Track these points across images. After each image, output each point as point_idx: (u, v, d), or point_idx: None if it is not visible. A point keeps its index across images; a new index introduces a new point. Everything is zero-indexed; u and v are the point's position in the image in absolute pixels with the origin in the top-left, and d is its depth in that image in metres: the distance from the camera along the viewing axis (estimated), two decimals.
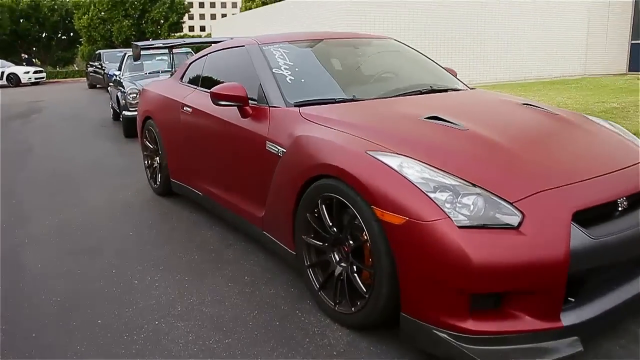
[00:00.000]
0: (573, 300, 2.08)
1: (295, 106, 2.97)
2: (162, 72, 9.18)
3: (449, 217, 1.99)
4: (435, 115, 2.66)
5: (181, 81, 4.43)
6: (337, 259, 2.49)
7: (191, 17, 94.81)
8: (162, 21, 35.01)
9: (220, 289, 2.89)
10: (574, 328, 2.01)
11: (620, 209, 2.22)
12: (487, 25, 14.31)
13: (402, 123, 2.61)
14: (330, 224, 2.47)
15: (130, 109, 7.81)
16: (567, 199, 2.09)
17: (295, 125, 2.79)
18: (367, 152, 2.29)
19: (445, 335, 2.00)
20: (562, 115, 3.03)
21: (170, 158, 4.38)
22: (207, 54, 4.15)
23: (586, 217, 2.08)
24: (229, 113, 3.34)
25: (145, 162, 5.00)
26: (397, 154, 2.25)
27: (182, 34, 41.23)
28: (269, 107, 3.06)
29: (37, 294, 2.91)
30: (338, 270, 2.47)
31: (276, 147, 2.85)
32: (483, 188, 2.07)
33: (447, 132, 2.50)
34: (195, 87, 4.09)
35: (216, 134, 3.53)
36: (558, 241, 1.96)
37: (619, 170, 2.35)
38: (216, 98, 3.15)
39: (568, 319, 2.01)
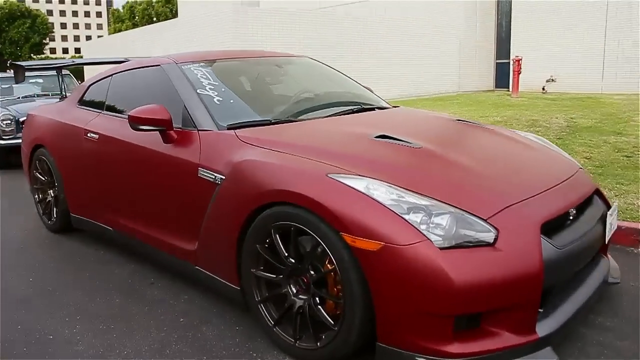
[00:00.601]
0: (541, 310, 2.09)
1: (228, 129, 2.74)
2: (37, 95, 8.33)
3: (428, 239, 1.90)
4: (384, 134, 2.58)
5: (79, 105, 3.97)
6: (295, 292, 2.30)
7: (52, 39, 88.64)
8: (21, 42, 32.28)
9: (156, 336, 2.55)
10: (547, 338, 2.01)
11: (571, 217, 2.29)
12: (365, 43, 14.78)
13: (355, 143, 2.50)
14: (287, 254, 2.27)
15: (4, 137, 6.95)
16: (533, 211, 2.11)
17: (234, 149, 2.57)
18: (329, 175, 2.14)
19: None
20: (499, 130, 3.12)
21: (69, 190, 3.88)
22: (111, 75, 3.76)
23: (548, 229, 2.11)
24: (148, 139, 3.02)
25: (36, 196, 4.40)
26: (360, 175, 2.12)
27: (44, 55, 38.35)
28: (198, 130, 2.80)
29: None
30: (298, 303, 2.28)
31: (212, 174, 2.59)
32: (455, 206, 2.01)
33: (403, 151, 2.44)
34: (100, 111, 3.68)
35: (132, 163, 3.17)
36: (532, 254, 1.96)
37: (565, 180, 2.44)
38: (135, 122, 2.82)
39: (541, 329, 2.02)
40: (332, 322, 2.14)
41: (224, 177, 2.52)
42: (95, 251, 3.78)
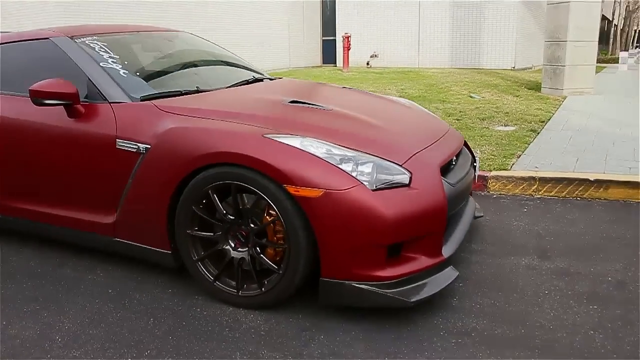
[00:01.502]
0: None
1: (141, 101, 2.77)
2: None
3: (361, 183, 2.24)
4: (295, 99, 2.85)
5: None
6: (234, 246, 2.49)
7: None
8: None
9: (91, 308, 2.54)
10: (449, 259, 2.51)
11: (454, 163, 2.83)
12: (197, 24, 14.53)
13: (274, 108, 2.74)
14: (225, 212, 2.45)
15: None
16: (432, 157, 2.58)
17: (156, 119, 2.62)
18: (265, 135, 2.36)
19: (369, 286, 2.27)
20: (382, 95, 3.57)
21: None
22: None
23: (443, 171, 2.60)
24: (46, 115, 2.89)
25: None
26: (292, 134, 2.38)
27: None
28: (110, 103, 2.77)
29: None
30: (238, 256, 2.47)
31: (134, 145, 2.62)
32: (375, 155, 2.39)
33: (318, 112, 2.74)
34: None
35: (31, 141, 2.96)
36: (438, 191, 2.42)
37: (445, 134, 2.97)
38: (39, 97, 2.70)
39: (445, 252, 2.50)
40: (276, 267, 2.39)
41: (149, 147, 2.56)
42: None
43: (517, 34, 14.62)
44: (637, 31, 40.97)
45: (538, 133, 5.85)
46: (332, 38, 17.77)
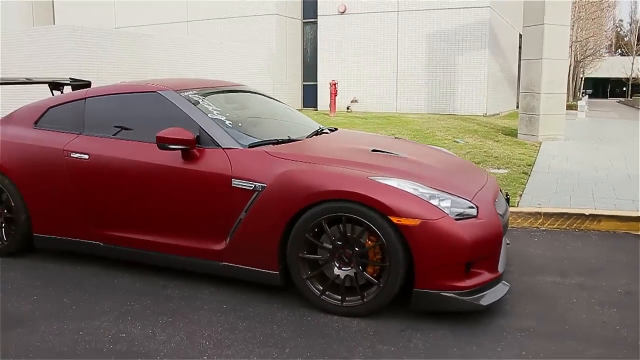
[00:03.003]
0: None
1: (249, 147, 3.41)
2: None
3: (447, 214, 2.94)
4: (375, 148, 3.56)
5: (37, 127, 4.05)
6: (338, 266, 3.12)
7: None
8: None
9: (218, 319, 3.09)
10: (501, 274, 3.21)
11: (496, 201, 3.57)
12: (179, 64, 15.08)
13: (364, 155, 3.43)
14: (333, 238, 3.08)
15: None
16: (487, 195, 3.31)
17: (270, 163, 3.25)
18: (369, 177, 3.04)
19: (452, 295, 2.94)
20: (429, 145, 4.32)
21: (35, 211, 3.94)
22: (82, 98, 3.96)
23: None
24: (160, 157, 3.48)
25: None
26: (389, 177, 3.07)
27: None
28: (223, 149, 3.39)
29: None
30: (343, 273, 3.10)
31: (250, 184, 3.24)
32: (451, 193, 3.10)
33: (396, 159, 3.45)
34: (78, 132, 3.87)
35: (142, 178, 3.54)
36: (496, 221, 3.14)
37: (489, 178, 3.72)
38: (164, 142, 3.31)
39: (499, 269, 3.20)
40: (377, 281, 3.02)
41: (265, 185, 3.19)
42: (72, 267, 3.92)
43: (487, 82, 15.93)
44: (582, 79, 44.18)
45: (529, 175, 6.73)
46: (313, 83, 18.72)
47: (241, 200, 3.26)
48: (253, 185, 3.23)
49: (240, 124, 3.69)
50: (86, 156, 3.73)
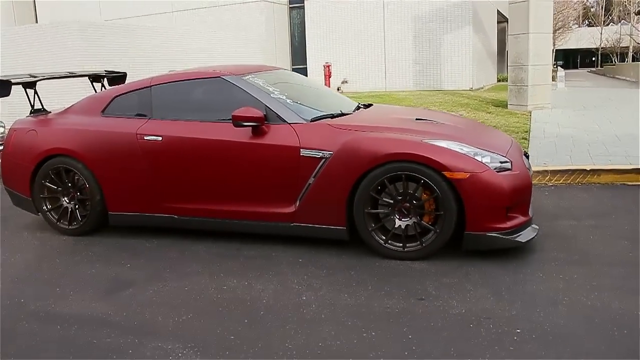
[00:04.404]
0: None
1: (311, 121, 3.92)
2: None
3: (489, 168, 3.51)
4: (418, 117, 4.11)
5: (105, 114, 4.48)
6: (399, 217, 3.67)
7: None
8: None
9: (297, 275, 3.63)
10: (531, 218, 3.80)
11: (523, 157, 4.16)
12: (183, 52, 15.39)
13: (411, 123, 3.97)
14: (395, 193, 3.63)
15: None
16: (517, 152, 3.90)
17: (334, 133, 3.77)
18: (423, 140, 3.59)
19: (497, 235, 3.52)
20: (457, 114, 4.88)
21: (110, 191, 4.39)
22: (148, 86, 4.40)
23: None
24: (230, 134, 3.97)
25: (45, 205, 4.66)
26: (439, 139, 3.63)
27: None
28: (290, 124, 3.90)
29: None
30: (403, 223, 3.66)
31: (317, 152, 3.76)
32: (488, 150, 3.67)
33: (438, 125, 4.00)
34: (146, 117, 4.32)
35: (214, 154, 4.02)
36: (526, 173, 3.73)
37: (512, 141, 4.30)
38: (239, 120, 3.81)
39: (530, 213, 3.80)
40: (433, 228, 3.59)
41: (332, 153, 3.71)
42: (148, 240, 4.40)
43: (472, 58, 16.58)
44: (554, 51, 45.35)
45: (528, 140, 7.37)
46: (302, 66, 19.15)
47: (310, 167, 3.78)
48: (321, 154, 3.76)
49: (297, 101, 4.19)
50: (159, 138, 4.20)
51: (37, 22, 21.68)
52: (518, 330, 2.69)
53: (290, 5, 19.31)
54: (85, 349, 2.75)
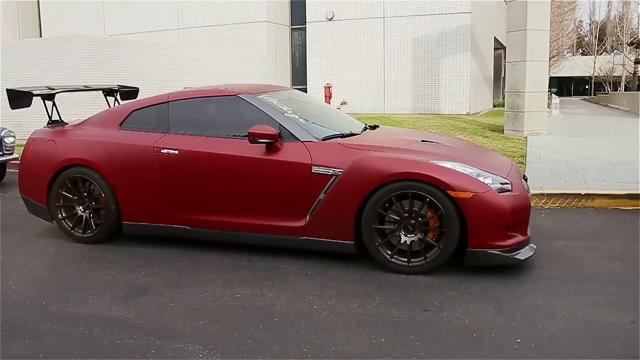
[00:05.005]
0: None
1: (323, 140, 4.14)
2: None
3: (491, 189, 3.73)
4: (424, 139, 4.34)
5: (123, 127, 4.67)
6: (404, 233, 3.86)
7: None
8: None
9: (309, 283, 3.80)
10: (529, 237, 4.01)
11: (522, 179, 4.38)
12: (187, 68, 15.63)
13: (417, 145, 4.19)
14: (401, 210, 3.83)
15: None
16: (516, 174, 4.12)
17: (344, 152, 3.98)
18: (429, 161, 3.80)
19: (497, 252, 3.72)
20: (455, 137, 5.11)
21: (124, 201, 4.56)
22: (165, 102, 4.61)
23: None
24: (244, 150, 4.17)
25: (60, 214, 4.82)
26: (444, 160, 3.84)
27: None
28: (302, 142, 4.10)
29: None
30: (409, 239, 3.85)
31: (328, 169, 3.96)
32: (490, 172, 3.88)
33: (443, 147, 4.23)
34: (164, 131, 4.52)
35: (228, 169, 4.21)
36: (525, 194, 3.96)
37: (512, 164, 4.54)
38: (255, 137, 4.01)
39: (528, 233, 4.00)
40: (437, 244, 3.79)
41: (342, 170, 3.92)
42: (161, 250, 4.56)
43: (470, 83, 16.97)
44: (548, 78, 46.20)
45: (525, 165, 7.61)
46: (302, 87, 19.45)
47: (320, 183, 3.98)
48: (331, 171, 3.96)
49: (309, 120, 4.41)
50: (176, 151, 4.39)
51: (41, 36, 21.97)
52: (518, 340, 2.87)
53: (292, 27, 19.74)
54: (109, 349, 2.90)
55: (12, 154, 7.82)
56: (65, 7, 21.76)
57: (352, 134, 4.42)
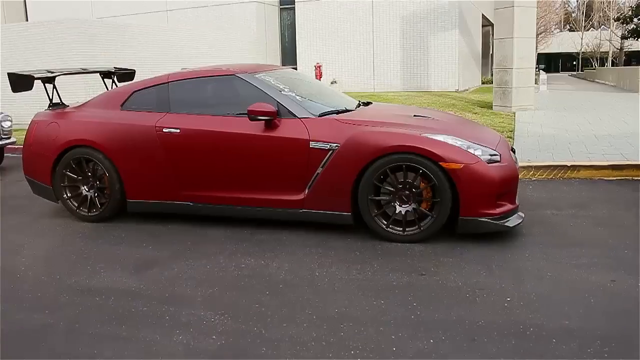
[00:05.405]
0: None
1: (319, 116, 4.30)
2: None
3: (481, 160, 3.92)
4: (415, 114, 4.51)
5: (124, 108, 4.80)
6: (399, 204, 4.06)
7: None
8: None
9: (314, 253, 4.00)
10: (518, 206, 4.22)
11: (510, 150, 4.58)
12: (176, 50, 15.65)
13: (410, 119, 4.36)
14: (396, 182, 4.02)
15: None
16: (505, 145, 4.32)
17: (340, 127, 4.15)
18: (422, 134, 3.98)
19: (487, 220, 3.93)
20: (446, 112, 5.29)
21: (129, 180, 4.71)
22: (165, 82, 4.73)
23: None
24: (244, 127, 4.32)
25: (65, 193, 4.96)
26: (436, 133, 4.03)
27: None
28: (300, 118, 4.26)
29: None
30: (403, 209, 4.04)
31: (325, 144, 4.13)
32: (480, 144, 4.07)
33: (433, 121, 4.40)
34: (165, 111, 4.65)
35: (229, 146, 4.37)
36: (513, 165, 4.16)
37: (500, 136, 4.73)
38: (254, 114, 4.17)
39: (517, 202, 4.21)
40: (431, 213, 3.99)
41: (339, 145, 4.09)
42: (165, 226, 4.72)
43: (458, 60, 17.10)
44: (536, 55, 46.34)
45: (513, 139, 7.82)
46: (292, 67, 19.49)
47: (318, 158, 4.15)
48: (328, 146, 4.13)
49: (305, 98, 4.56)
50: (177, 130, 4.53)
51: (27, 20, 21.72)
52: (508, 299, 3.09)
53: (281, 7, 19.69)
54: (126, 316, 3.08)
55: (9, 138, 7.89)
56: None
57: (346, 110, 4.59)
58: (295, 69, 18.80)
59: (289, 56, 19.72)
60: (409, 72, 17.60)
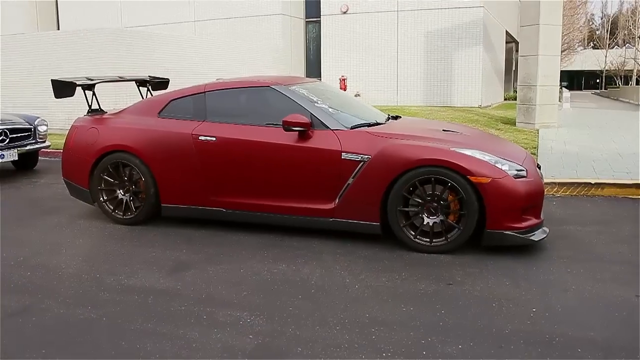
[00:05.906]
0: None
1: (351, 128, 4.45)
2: None
3: (508, 174, 4.03)
4: (444, 129, 4.64)
5: (161, 116, 5.00)
6: (427, 215, 4.18)
7: None
8: None
9: (342, 259, 4.13)
10: (543, 221, 4.30)
11: (536, 166, 4.67)
12: (204, 60, 15.98)
13: (440, 134, 4.49)
14: (424, 194, 4.14)
15: None
16: (531, 161, 4.41)
17: (372, 140, 4.29)
18: (451, 149, 4.11)
19: (513, 233, 4.02)
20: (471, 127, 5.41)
21: (163, 185, 4.89)
22: (202, 92, 4.93)
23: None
24: (278, 137, 4.49)
25: (101, 197, 5.16)
26: (463, 148, 4.14)
27: None
28: (333, 130, 4.42)
29: None
30: (431, 221, 4.16)
31: (357, 156, 4.27)
32: (506, 159, 4.18)
33: (462, 136, 4.52)
34: (201, 119, 4.84)
35: (263, 155, 4.54)
36: (539, 180, 4.25)
37: (527, 152, 4.82)
38: (289, 125, 4.33)
39: (542, 216, 4.30)
40: (458, 225, 4.09)
41: (370, 157, 4.22)
42: (197, 230, 4.89)
43: (482, 76, 17.18)
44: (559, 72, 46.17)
45: (537, 155, 7.88)
46: (316, 80, 19.74)
47: (349, 169, 4.30)
48: (360, 157, 4.27)
49: (337, 110, 4.73)
50: (213, 138, 4.71)
51: (58, 27, 22.38)
52: (534, 309, 3.18)
53: (307, 20, 20.01)
54: (165, 315, 3.24)
55: (44, 141, 8.18)
56: (82, 1, 22.11)
57: (377, 123, 4.73)
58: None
59: (313, 69, 19.98)
60: (432, 86, 17.73)
